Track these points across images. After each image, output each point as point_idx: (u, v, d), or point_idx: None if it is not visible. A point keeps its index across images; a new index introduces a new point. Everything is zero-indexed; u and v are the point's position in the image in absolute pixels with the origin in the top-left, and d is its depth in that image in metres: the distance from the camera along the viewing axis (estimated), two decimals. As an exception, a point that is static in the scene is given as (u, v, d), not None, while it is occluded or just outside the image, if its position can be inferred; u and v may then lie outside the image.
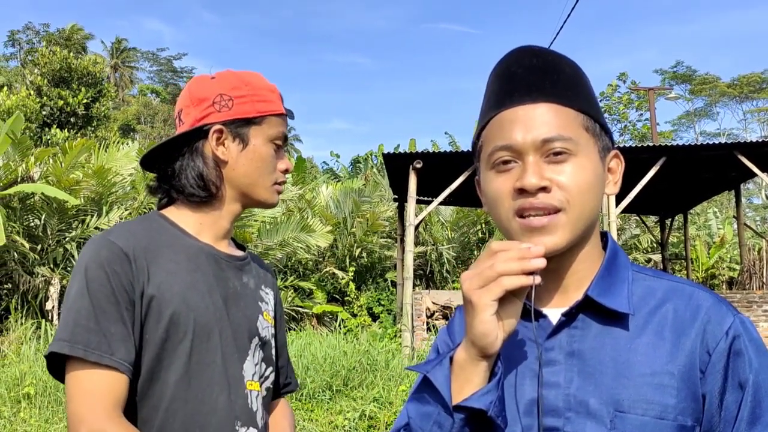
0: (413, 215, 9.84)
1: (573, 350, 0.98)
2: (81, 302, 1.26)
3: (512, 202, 0.98)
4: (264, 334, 1.49)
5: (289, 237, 12.93)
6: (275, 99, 1.47)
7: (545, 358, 0.99)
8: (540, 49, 1.05)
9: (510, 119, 0.99)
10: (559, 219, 0.95)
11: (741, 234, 13.87)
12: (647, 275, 1.04)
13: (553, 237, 0.96)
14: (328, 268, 14.90)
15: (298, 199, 15.51)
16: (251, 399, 1.41)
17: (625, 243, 18.18)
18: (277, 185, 1.49)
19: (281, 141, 1.48)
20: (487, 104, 1.05)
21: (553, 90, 0.99)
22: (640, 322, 0.98)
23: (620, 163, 1.06)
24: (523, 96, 0.99)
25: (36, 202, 11.07)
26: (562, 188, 0.95)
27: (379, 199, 16.31)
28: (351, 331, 11.04)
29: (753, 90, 44.31)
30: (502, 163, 0.99)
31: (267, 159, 1.45)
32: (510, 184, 0.98)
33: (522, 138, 0.97)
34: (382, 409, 6.28)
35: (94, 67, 24.01)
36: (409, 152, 10.65)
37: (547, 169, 0.96)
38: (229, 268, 1.46)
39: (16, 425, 6.21)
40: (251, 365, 1.43)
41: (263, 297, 1.54)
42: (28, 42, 36.05)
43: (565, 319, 1.00)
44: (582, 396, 0.95)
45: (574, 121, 0.98)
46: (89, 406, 1.21)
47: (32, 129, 20.34)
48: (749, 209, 35.73)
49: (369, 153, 23.43)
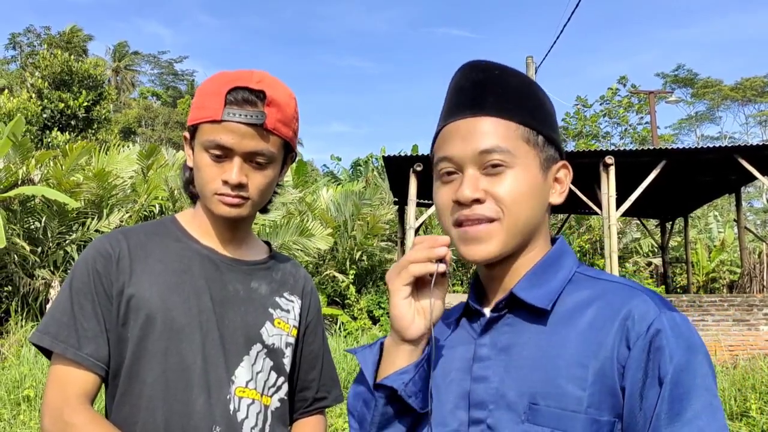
0: (413, 218, 9.84)
1: (502, 346, 1.02)
2: (62, 297, 1.34)
3: (452, 213, 1.04)
4: (271, 342, 1.43)
5: (289, 240, 12.92)
6: (211, 104, 1.33)
7: (477, 354, 1.04)
8: (487, 64, 1.09)
9: (453, 131, 1.04)
10: (492, 228, 1.01)
11: (741, 237, 13.86)
12: (589, 276, 1.06)
13: (487, 245, 1.01)
14: (329, 271, 14.88)
15: (299, 202, 15.51)
16: (238, 405, 1.35)
17: (625, 246, 18.18)
18: (219, 196, 1.36)
19: (215, 149, 1.33)
20: (440, 116, 1.10)
21: (495, 104, 1.03)
22: (564, 318, 1.00)
23: (568, 174, 1.10)
24: (466, 110, 1.04)
25: (36, 205, 11.07)
26: (497, 199, 1.00)
27: (379, 202, 16.31)
28: (351, 334, 11.04)
29: (756, 94, 44.31)
30: (446, 174, 1.05)
31: (201, 168, 1.36)
32: (450, 194, 1.04)
33: (461, 150, 1.02)
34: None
35: (94, 70, 24.02)
36: (410, 155, 10.66)
37: (483, 181, 1.01)
38: (231, 272, 1.43)
39: (16, 428, 6.20)
40: (247, 372, 1.38)
41: (279, 304, 1.49)
42: (29, 45, 36.12)
43: (495, 315, 1.05)
44: (503, 389, 0.99)
45: (514, 133, 1.02)
46: (55, 395, 1.28)
47: (33, 132, 20.33)
48: (750, 213, 35.72)
49: (369, 156, 23.42)
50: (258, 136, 1.33)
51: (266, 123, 1.33)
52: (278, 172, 1.44)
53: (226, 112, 1.31)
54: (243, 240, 1.50)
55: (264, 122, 1.32)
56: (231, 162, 1.33)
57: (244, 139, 1.32)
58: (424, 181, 10.17)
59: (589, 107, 29.28)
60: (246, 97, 1.32)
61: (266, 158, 1.36)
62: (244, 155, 1.34)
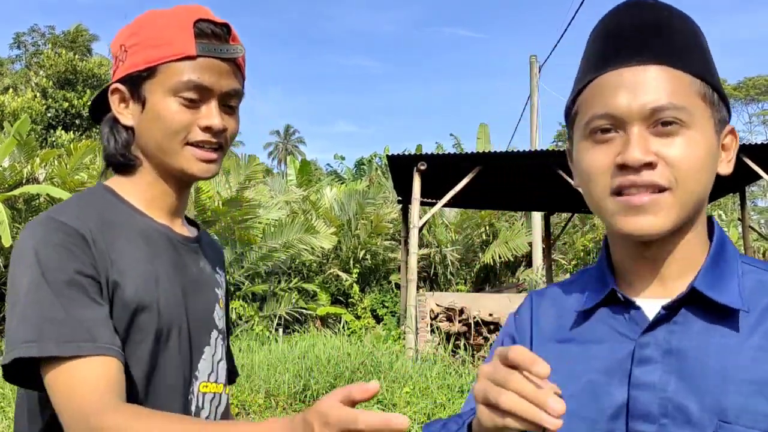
0: (417, 217, 9.83)
1: (672, 348, 0.86)
2: (39, 293, 1.01)
3: (609, 179, 0.86)
4: (221, 326, 1.28)
5: (293, 239, 12.94)
6: (178, 39, 1.12)
7: (639, 355, 0.87)
8: (654, 2, 0.90)
9: (613, 83, 0.87)
10: (663, 199, 0.84)
11: (746, 236, 13.82)
12: (758, 268, 0.91)
13: (656, 218, 0.84)
14: (332, 270, 14.90)
15: (303, 200, 15.53)
16: (202, 403, 1.19)
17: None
18: (193, 149, 1.14)
19: (190, 91, 1.12)
20: (587, 65, 0.92)
21: (666, 50, 0.86)
22: (751, 321, 0.85)
23: (735, 140, 0.93)
24: (630, 56, 0.86)
25: (41, 204, 11.11)
26: (670, 165, 0.84)
27: (383, 201, 16.31)
28: (355, 333, 11.06)
29: (759, 93, 44.23)
30: (601, 133, 0.87)
31: (167, 117, 1.12)
32: (608, 157, 0.86)
33: (627, 105, 0.85)
34: (385, 410, 6.25)
35: (99, 69, 24.09)
36: (413, 154, 10.65)
37: (653, 142, 0.84)
38: (186, 253, 1.23)
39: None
40: (208, 364, 1.21)
41: (219, 281, 1.32)
42: (33, 44, 36.18)
43: (665, 312, 0.87)
44: (680, 400, 0.83)
45: (689, 87, 0.86)
46: (77, 405, 0.97)
47: (37, 131, 20.40)
48: (754, 212, 35.61)
49: (373, 155, 23.44)
50: (233, 74, 1.16)
51: (239, 59, 1.17)
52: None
53: (200, 47, 1.11)
54: (182, 214, 1.29)
55: (239, 58, 1.16)
56: (207, 105, 1.14)
57: (222, 77, 1.14)
58: (428, 180, 10.16)
59: (593, 106, 29.24)
60: (214, 30, 1.14)
61: (238, 100, 1.19)
62: (221, 96, 1.15)
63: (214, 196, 12.90)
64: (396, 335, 11.01)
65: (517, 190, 11.64)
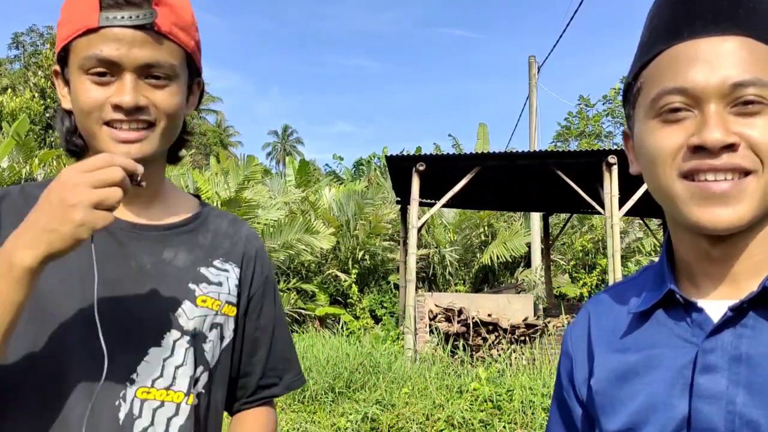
0: (416, 218, 9.83)
1: (740, 354, 0.76)
2: None
3: (680, 162, 0.77)
4: (193, 327, 1.12)
5: (292, 239, 12.95)
6: (83, 12, 1.02)
7: (703, 362, 0.78)
8: None
9: (688, 55, 0.77)
10: (746, 184, 0.75)
11: (744, 237, 13.85)
12: None
13: (738, 207, 0.75)
14: (331, 271, 14.90)
15: (301, 201, 15.53)
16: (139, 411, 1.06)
17: (628, 246, 18.15)
18: (110, 129, 1.03)
19: (96, 67, 1.01)
20: (653, 36, 0.83)
21: (749, 20, 0.76)
22: None
23: None
24: (707, 25, 0.77)
25: (40, 204, 11.10)
26: (754, 146, 0.74)
27: (382, 202, 16.32)
28: (353, 334, 11.06)
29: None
30: (671, 111, 0.78)
31: (79, 97, 1.03)
32: (679, 138, 0.77)
33: (704, 80, 0.75)
34: (384, 411, 6.27)
35: (97, 70, 24.10)
36: (412, 154, 10.67)
37: (734, 123, 0.75)
38: (134, 241, 1.11)
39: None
40: (155, 368, 1.08)
41: (206, 276, 1.16)
42: (32, 44, 36.13)
43: (732, 314, 0.77)
44: (750, 414, 0.74)
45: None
46: None
47: (36, 131, 20.39)
48: (753, 212, 35.64)
49: (372, 155, 23.46)
50: (151, 42, 1.02)
51: (158, 24, 1.02)
52: (185, 95, 1.12)
53: (103, 17, 1.00)
54: (154, 196, 1.17)
55: (154, 22, 1.02)
56: (121, 81, 1.02)
57: (133, 47, 1.01)
58: (427, 181, 10.17)
59: (591, 107, 29.23)
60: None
61: (165, 71, 1.05)
62: (137, 70, 1.02)
63: (212, 197, 12.90)
64: (395, 336, 11.01)
65: (516, 190, 11.65)
